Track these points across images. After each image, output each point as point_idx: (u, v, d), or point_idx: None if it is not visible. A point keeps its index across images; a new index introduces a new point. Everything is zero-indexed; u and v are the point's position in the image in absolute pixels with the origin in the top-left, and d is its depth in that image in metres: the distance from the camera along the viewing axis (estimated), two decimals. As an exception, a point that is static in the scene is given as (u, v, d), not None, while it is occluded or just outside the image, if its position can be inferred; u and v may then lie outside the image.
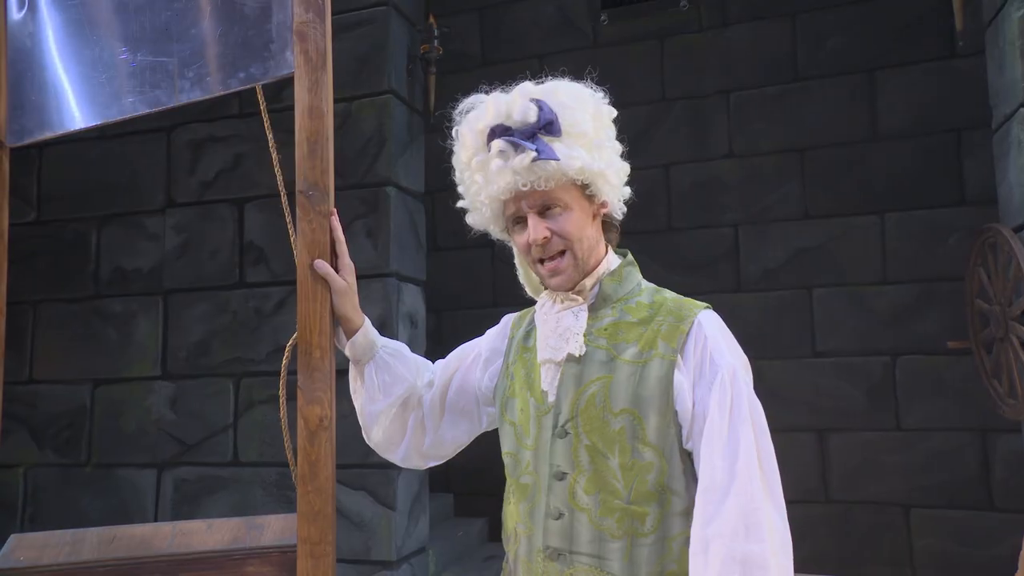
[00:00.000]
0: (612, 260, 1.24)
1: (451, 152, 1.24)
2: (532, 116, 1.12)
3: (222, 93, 1.08)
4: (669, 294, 1.22)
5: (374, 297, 3.00)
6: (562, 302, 1.19)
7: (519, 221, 1.16)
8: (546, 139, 1.12)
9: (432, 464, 1.35)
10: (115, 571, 0.97)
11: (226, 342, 3.21)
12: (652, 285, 1.25)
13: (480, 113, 1.16)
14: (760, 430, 1.11)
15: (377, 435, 1.28)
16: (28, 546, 1.01)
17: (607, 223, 1.24)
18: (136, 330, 3.38)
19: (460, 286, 4.54)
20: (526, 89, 1.16)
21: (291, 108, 3.45)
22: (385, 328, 2.99)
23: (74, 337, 3.49)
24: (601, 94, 1.21)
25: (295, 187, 1.11)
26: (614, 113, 1.22)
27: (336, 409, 1.06)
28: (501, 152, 1.11)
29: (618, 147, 1.22)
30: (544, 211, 1.14)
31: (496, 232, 1.25)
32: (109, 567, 0.98)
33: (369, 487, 2.91)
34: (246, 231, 3.26)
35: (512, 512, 1.20)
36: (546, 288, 1.21)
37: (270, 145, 1.14)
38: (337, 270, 1.17)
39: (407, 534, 2.98)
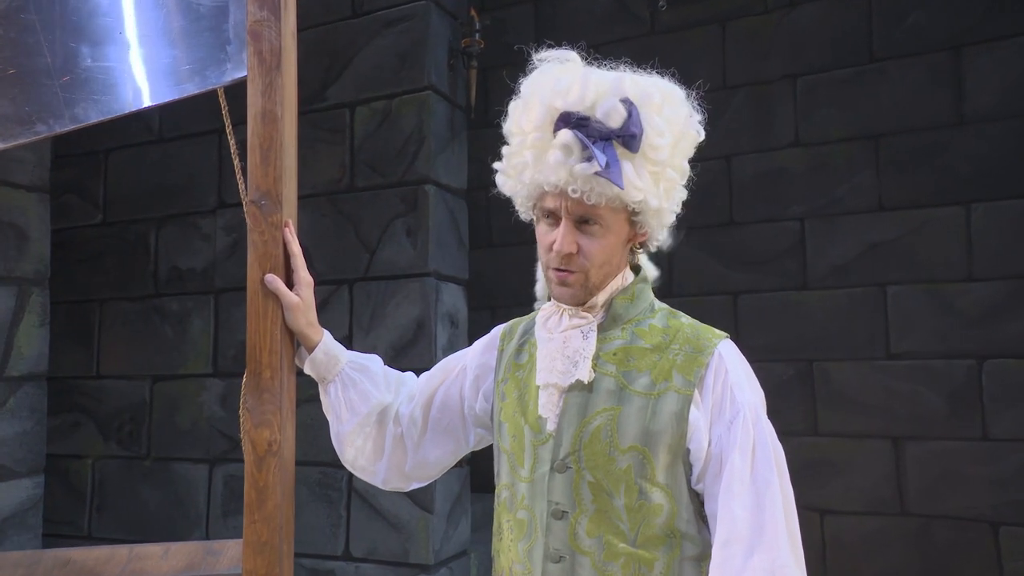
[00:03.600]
0: (627, 276, 1.12)
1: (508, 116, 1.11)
2: (616, 121, 0.98)
3: (177, 98, 1.03)
4: (685, 319, 1.11)
5: (412, 297, 2.97)
6: (570, 319, 1.09)
7: (550, 216, 1.05)
8: (619, 151, 0.99)
9: (416, 486, 1.27)
10: (61, 597, 0.95)
11: (272, 341, 3.24)
12: (666, 306, 1.13)
13: (562, 87, 1.01)
14: (783, 475, 1.00)
15: (351, 455, 1.21)
16: (-16, 566, 0.99)
17: (635, 248, 1.13)
18: (190, 328, 3.48)
19: (516, 283, 4.47)
20: (621, 84, 1.00)
21: (335, 107, 3.42)
22: (423, 328, 2.95)
23: (135, 334, 3.61)
24: (697, 115, 1.07)
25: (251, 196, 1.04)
26: (701, 138, 1.08)
27: (286, 432, 1.00)
28: (565, 146, 0.99)
29: (686, 172, 1.08)
30: (581, 223, 1.03)
31: (521, 208, 1.13)
32: (57, 593, 0.96)
33: (407, 489, 2.88)
34: (291, 231, 3.28)
35: (508, 548, 1.10)
36: (552, 294, 1.10)
37: (232, 152, 1.08)
38: (292, 284, 1.11)
39: (446, 537, 2.94)
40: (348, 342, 3.08)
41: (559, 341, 1.08)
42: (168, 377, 3.51)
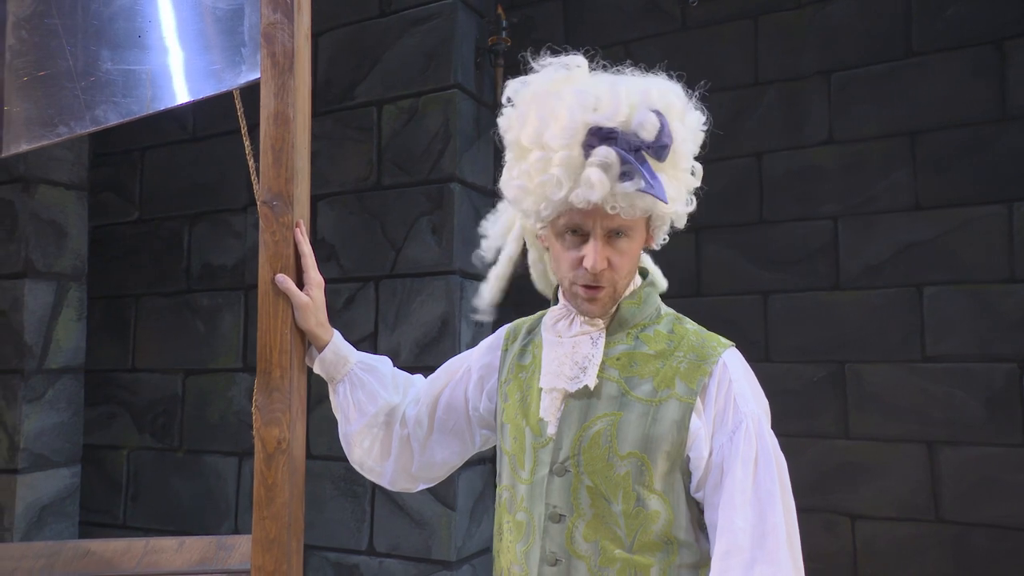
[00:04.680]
0: (635, 280, 1.12)
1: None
2: (651, 133, 0.97)
3: (195, 100, 1.05)
4: (691, 325, 1.10)
5: (437, 295, 2.98)
6: (581, 324, 1.08)
7: (576, 232, 1.03)
8: (651, 162, 0.97)
9: (423, 487, 1.28)
10: (78, 588, 0.97)
11: (300, 337, 3.29)
12: (672, 311, 1.12)
13: (590, 100, 0.99)
14: (786, 488, 0.98)
15: (359, 456, 1.22)
16: (5, 557, 1.03)
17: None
18: (221, 323, 3.54)
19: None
20: (650, 95, 0.99)
21: (363, 105, 3.45)
22: (447, 326, 2.96)
23: (169, 329, 3.69)
24: (704, 118, 1.07)
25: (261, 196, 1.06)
26: (702, 138, 1.09)
27: (296, 431, 1.01)
28: (604, 164, 0.96)
29: (700, 172, 1.09)
30: (611, 236, 1.02)
31: (534, 221, 1.09)
32: (74, 583, 0.98)
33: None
34: (318, 228, 3.32)
35: (507, 549, 1.11)
36: (577, 308, 1.09)
37: (247, 153, 1.10)
38: (303, 284, 1.12)
39: (468, 535, 2.95)
40: (374, 339, 3.11)
41: (568, 346, 1.07)
42: (199, 371, 3.58)
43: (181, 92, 1.04)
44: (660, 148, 0.97)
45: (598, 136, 0.97)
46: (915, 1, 3.67)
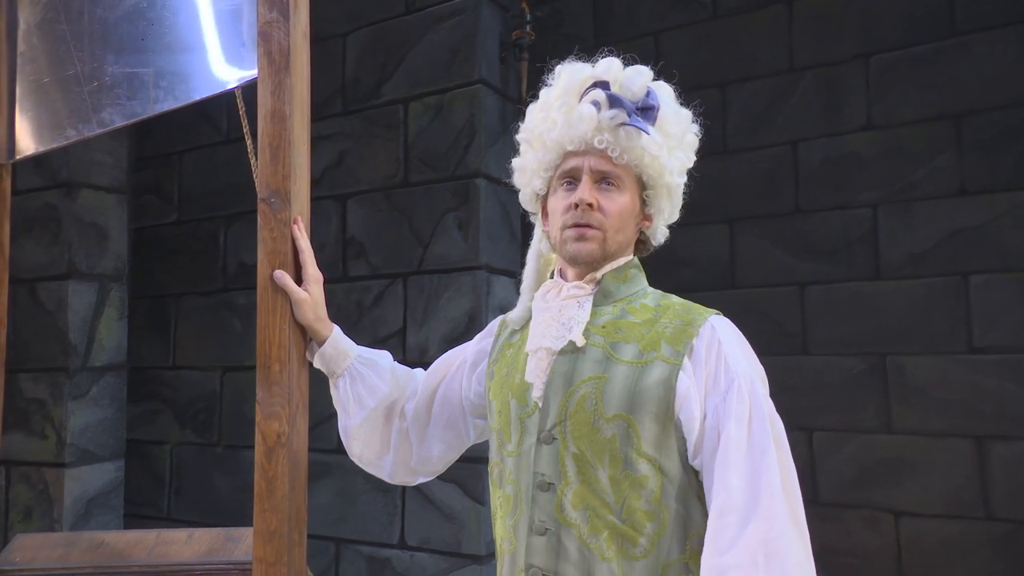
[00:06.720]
0: (626, 256, 1.15)
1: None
2: (639, 92, 1.09)
3: (197, 100, 1.07)
4: (676, 299, 1.11)
5: (464, 290, 2.99)
6: (568, 290, 1.11)
7: (569, 181, 1.10)
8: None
9: (422, 480, 1.29)
10: (91, 578, 1.00)
11: (332, 334, 3.33)
12: (659, 291, 1.14)
13: (588, 66, 1.13)
14: (782, 447, 0.97)
15: (358, 449, 1.23)
16: (27, 547, 1.07)
17: (640, 240, 1.17)
18: (255, 322, 3.61)
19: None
20: (640, 70, 1.12)
21: (390, 103, 3.46)
22: (475, 321, 2.97)
23: (207, 327, 3.79)
24: (696, 126, 1.17)
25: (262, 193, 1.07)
26: (696, 145, 1.18)
27: (296, 424, 1.02)
28: (595, 102, 1.07)
29: (692, 162, 1.17)
30: (601, 182, 1.09)
31: (537, 185, 1.18)
32: (88, 574, 1.01)
33: (459, 480, 2.91)
34: (348, 226, 3.36)
35: (499, 527, 1.11)
36: (564, 259, 1.14)
37: (249, 151, 1.12)
38: (301, 280, 1.13)
39: (498, 530, 2.96)
40: (402, 335, 3.14)
41: (556, 309, 1.10)
42: (236, 368, 3.66)
43: (183, 93, 1.07)
44: (647, 109, 1.07)
45: (594, 87, 1.09)
46: (958, -22, 3.54)
